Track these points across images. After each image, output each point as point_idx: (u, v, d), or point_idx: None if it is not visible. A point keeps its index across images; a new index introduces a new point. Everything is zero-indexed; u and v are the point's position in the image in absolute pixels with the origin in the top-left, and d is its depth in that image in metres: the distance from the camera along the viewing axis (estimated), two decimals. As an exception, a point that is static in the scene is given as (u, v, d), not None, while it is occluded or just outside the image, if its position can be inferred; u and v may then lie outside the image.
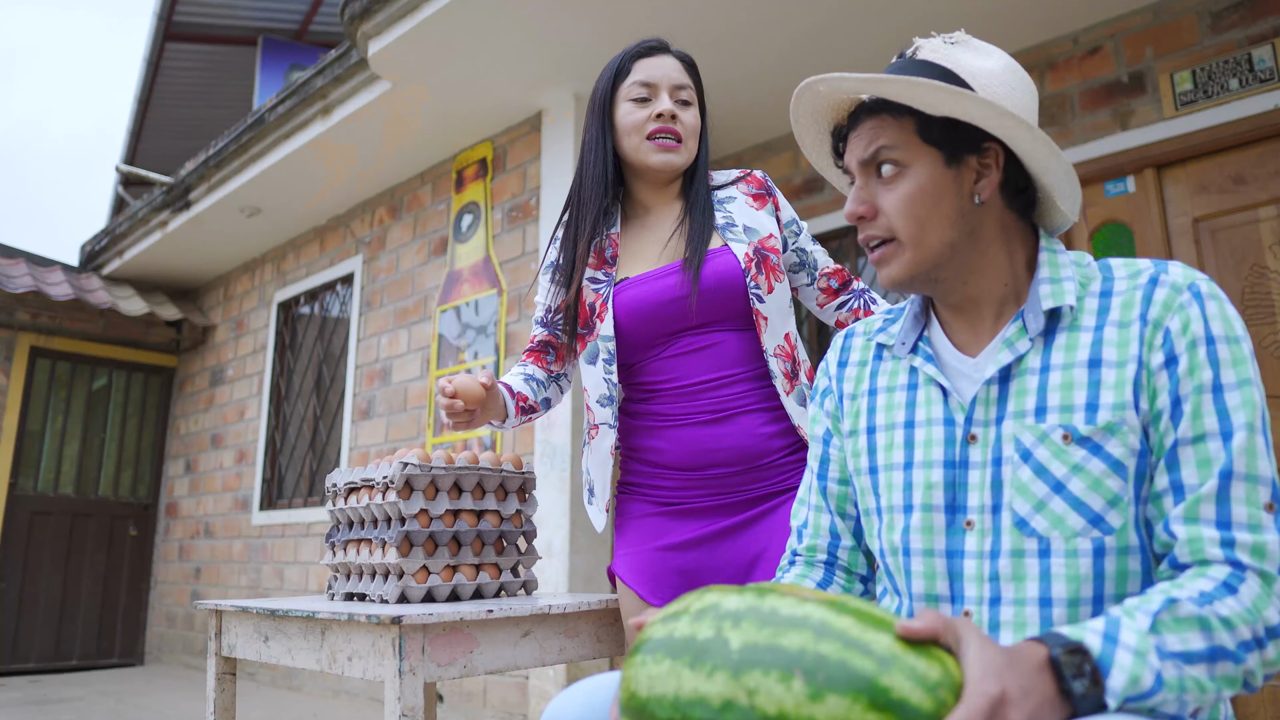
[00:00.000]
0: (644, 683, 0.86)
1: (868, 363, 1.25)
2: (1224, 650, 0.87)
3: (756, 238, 1.75)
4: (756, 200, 1.82)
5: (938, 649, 0.80)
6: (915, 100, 1.08)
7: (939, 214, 1.09)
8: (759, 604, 0.84)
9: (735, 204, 1.81)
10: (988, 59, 1.11)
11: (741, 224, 1.76)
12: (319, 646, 1.65)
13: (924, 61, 1.12)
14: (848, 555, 1.27)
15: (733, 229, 1.75)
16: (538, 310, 1.89)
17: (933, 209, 1.09)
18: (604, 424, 1.76)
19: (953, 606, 1.07)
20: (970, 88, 1.08)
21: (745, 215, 1.79)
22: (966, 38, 1.14)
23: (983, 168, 1.10)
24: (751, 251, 1.71)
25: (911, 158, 1.10)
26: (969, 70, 1.10)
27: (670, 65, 1.80)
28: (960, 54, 1.12)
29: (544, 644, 1.68)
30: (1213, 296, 1.01)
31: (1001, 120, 1.05)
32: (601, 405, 1.75)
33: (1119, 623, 0.86)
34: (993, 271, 1.12)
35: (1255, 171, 3.48)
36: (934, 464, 1.10)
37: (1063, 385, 1.03)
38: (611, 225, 1.80)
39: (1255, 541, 0.92)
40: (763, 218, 1.79)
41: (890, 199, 1.11)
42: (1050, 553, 1.01)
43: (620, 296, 1.72)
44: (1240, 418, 0.96)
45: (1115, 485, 0.99)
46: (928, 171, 1.09)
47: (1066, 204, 1.11)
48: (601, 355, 1.73)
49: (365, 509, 1.86)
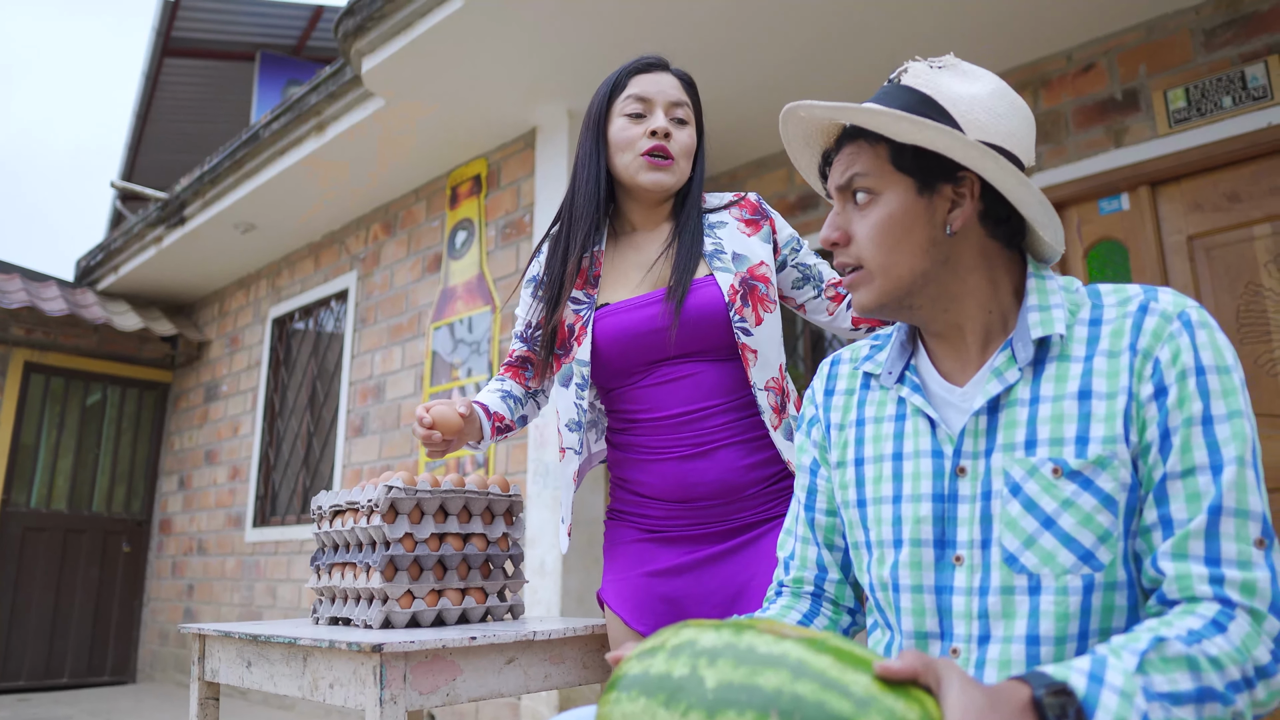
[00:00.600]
0: (619, 721, 0.83)
1: (855, 391, 1.22)
2: (1212, 691, 0.84)
3: (745, 266, 1.70)
4: (749, 226, 1.77)
5: (918, 690, 0.78)
6: (881, 128, 1.06)
7: (909, 243, 1.07)
8: (736, 641, 0.82)
9: (726, 229, 1.75)
10: (974, 84, 1.09)
11: (731, 251, 1.71)
12: (301, 673, 1.63)
13: (907, 87, 1.10)
14: (835, 588, 1.24)
15: (720, 256, 1.70)
16: (518, 324, 1.86)
17: (903, 238, 1.07)
18: (570, 449, 1.74)
19: (942, 643, 1.05)
20: (949, 114, 1.06)
21: (735, 242, 1.74)
22: (955, 61, 1.12)
23: (957, 197, 1.08)
24: (738, 282, 1.67)
25: (883, 185, 1.09)
26: (950, 96, 1.08)
27: (668, 83, 1.75)
28: (944, 79, 1.10)
29: (529, 671, 1.65)
30: (1203, 325, 0.99)
31: (966, 150, 1.03)
32: (569, 430, 1.72)
33: (1105, 662, 0.84)
34: (973, 300, 1.09)
35: (1249, 189, 3.48)
36: (922, 497, 1.08)
37: (1053, 417, 1.01)
38: (598, 243, 1.76)
39: (1245, 579, 0.90)
40: (755, 244, 1.74)
41: (862, 226, 1.10)
42: (1040, 590, 0.98)
43: (600, 323, 1.68)
44: (1230, 451, 0.94)
45: (1105, 520, 0.97)
46: (899, 200, 1.08)
47: (1048, 234, 1.08)
48: (575, 379, 1.70)
49: (350, 532, 1.84)
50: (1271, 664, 0.88)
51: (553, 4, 3.67)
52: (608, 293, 1.73)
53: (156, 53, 8.40)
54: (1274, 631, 0.89)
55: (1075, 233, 3.87)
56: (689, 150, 1.75)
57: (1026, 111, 1.11)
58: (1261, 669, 0.87)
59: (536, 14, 3.73)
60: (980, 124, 1.06)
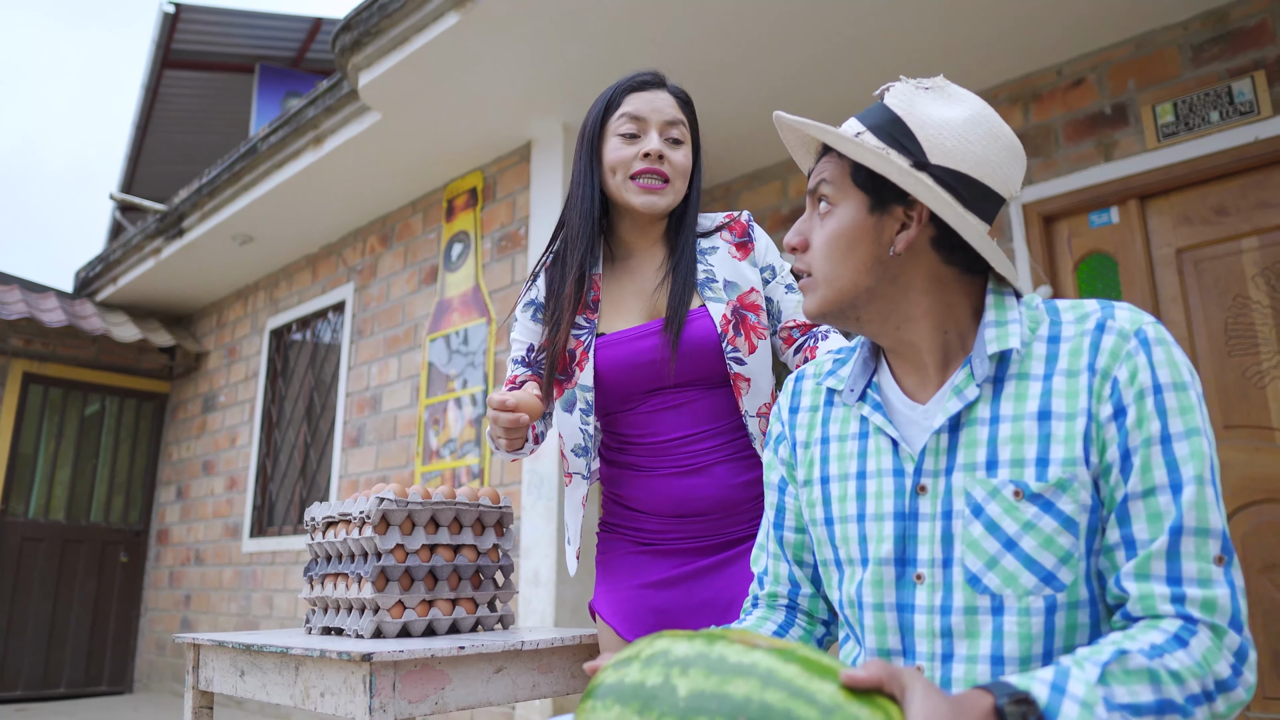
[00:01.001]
0: (594, 729, 0.86)
1: (819, 408, 1.23)
2: (1172, 703, 0.86)
3: (737, 293, 1.70)
4: (740, 250, 1.77)
5: (883, 698, 0.81)
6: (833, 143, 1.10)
7: (853, 258, 1.09)
8: (708, 651, 0.85)
9: (718, 255, 1.75)
10: (953, 108, 1.09)
11: (722, 279, 1.71)
12: (293, 682, 1.65)
13: (884, 105, 1.11)
14: (808, 601, 1.26)
15: (712, 285, 1.70)
16: (516, 349, 1.83)
17: (847, 252, 1.09)
18: (577, 474, 1.74)
19: (905, 661, 1.06)
20: (915, 136, 1.07)
21: (727, 268, 1.73)
22: (944, 84, 1.12)
23: (907, 219, 1.08)
24: (730, 312, 1.68)
25: (840, 198, 1.11)
26: (920, 118, 1.08)
27: (663, 101, 1.72)
28: (922, 100, 1.10)
29: (517, 680, 1.68)
30: (1160, 341, 1.00)
31: (902, 176, 1.04)
32: (576, 455, 1.73)
33: (1068, 673, 0.86)
34: (927, 321, 1.10)
35: (1237, 203, 3.51)
36: (885, 516, 1.09)
37: (1013, 438, 1.02)
38: (594, 265, 1.75)
39: (1205, 596, 0.92)
40: (745, 269, 1.74)
41: (818, 235, 1.13)
42: (1004, 610, 1.00)
43: (601, 353, 1.68)
44: (1189, 470, 0.95)
45: (1067, 542, 0.99)
46: (851, 214, 1.10)
47: (1000, 268, 1.08)
48: (579, 405, 1.70)
49: (342, 543, 1.86)
50: (1231, 678, 0.90)
51: (546, 21, 3.71)
52: (607, 321, 1.73)
53: (156, 65, 8.44)
54: (1234, 646, 0.91)
55: (1066, 246, 3.91)
56: (684, 171, 1.72)
57: (1009, 141, 1.09)
58: (1221, 683, 0.89)
59: (530, 30, 3.77)
60: (946, 149, 1.06)
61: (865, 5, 3.59)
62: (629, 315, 1.73)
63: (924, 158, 1.06)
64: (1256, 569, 3.29)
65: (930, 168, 1.06)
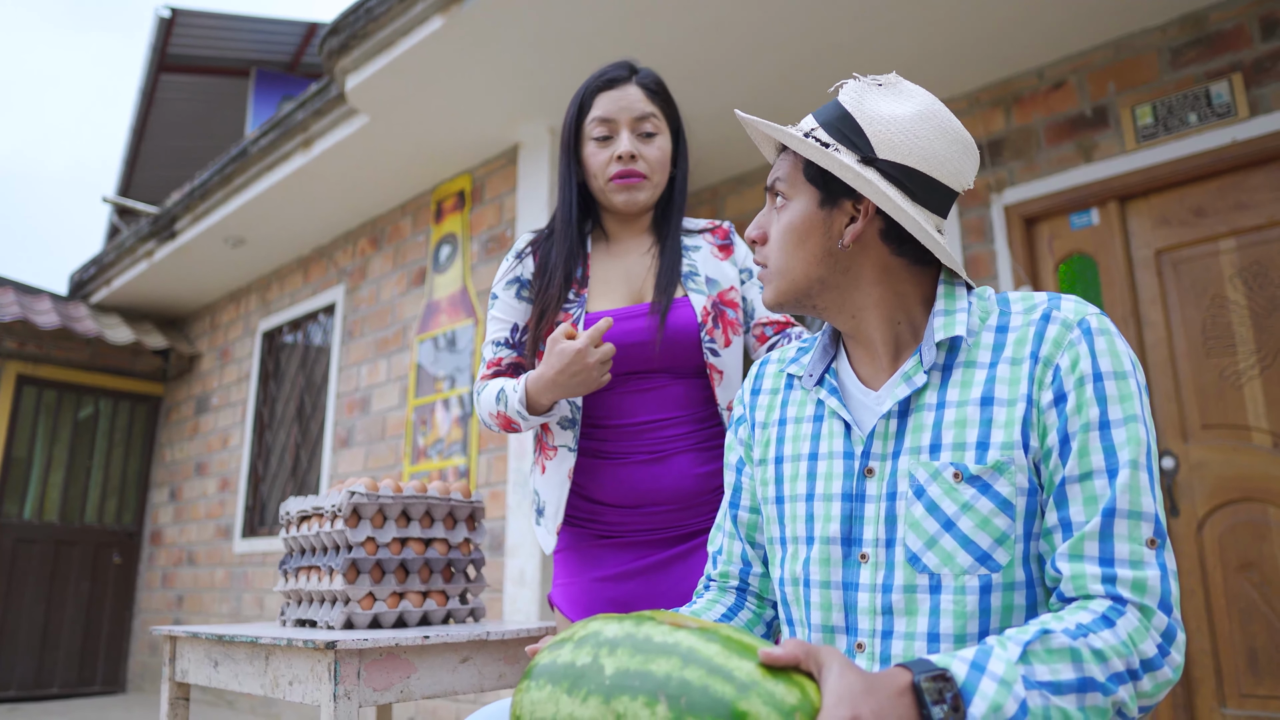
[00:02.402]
0: (527, 707, 0.89)
1: (779, 391, 1.27)
2: (1093, 681, 0.88)
3: (717, 290, 1.76)
4: (721, 251, 1.83)
5: (800, 675, 0.84)
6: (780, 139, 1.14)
7: (804, 250, 1.14)
8: (635, 632, 0.88)
9: (700, 253, 1.81)
10: (903, 105, 1.12)
11: (704, 275, 1.77)
12: (263, 671, 1.68)
13: (836, 101, 1.15)
14: (759, 582, 1.29)
15: (695, 279, 1.76)
16: (496, 329, 1.82)
17: (798, 245, 1.14)
18: (564, 446, 1.75)
19: (847, 638, 1.09)
20: (863, 132, 1.10)
21: (709, 265, 1.80)
22: (896, 80, 1.15)
23: (856, 213, 1.12)
24: (710, 305, 1.73)
25: (794, 192, 1.16)
26: (870, 115, 1.11)
27: (632, 96, 1.75)
28: (872, 97, 1.13)
29: (483, 670, 1.70)
30: (1103, 332, 1.03)
31: (844, 170, 1.09)
32: (563, 428, 1.74)
33: (990, 652, 0.88)
34: (878, 311, 1.14)
35: (1215, 204, 3.54)
36: (833, 497, 1.12)
37: (956, 423, 1.05)
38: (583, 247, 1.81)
39: (1135, 577, 0.94)
40: (726, 268, 1.81)
41: (774, 228, 1.17)
42: (940, 589, 1.03)
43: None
44: (1125, 455, 0.98)
45: (1003, 524, 1.02)
46: (802, 208, 1.14)
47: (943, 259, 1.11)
48: None
49: (315, 536, 1.89)
50: (1157, 657, 0.92)
51: (531, 26, 3.74)
52: (595, 299, 1.77)
53: (153, 69, 8.46)
54: (1161, 626, 0.93)
55: (1047, 247, 3.94)
56: (660, 162, 1.77)
57: (959, 135, 1.12)
58: (1147, 661, 0.91)
59: (515, 35, 3.80)
60: (893, 144, 1.09)
61: (847, 10, 3.62)
62: (615, 295, 1.77)
63: (871, 153, 1.10)
64: (1233, 568, 3.32)
65: (878, 163, 1.10)
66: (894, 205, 1.07)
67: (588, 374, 1.57)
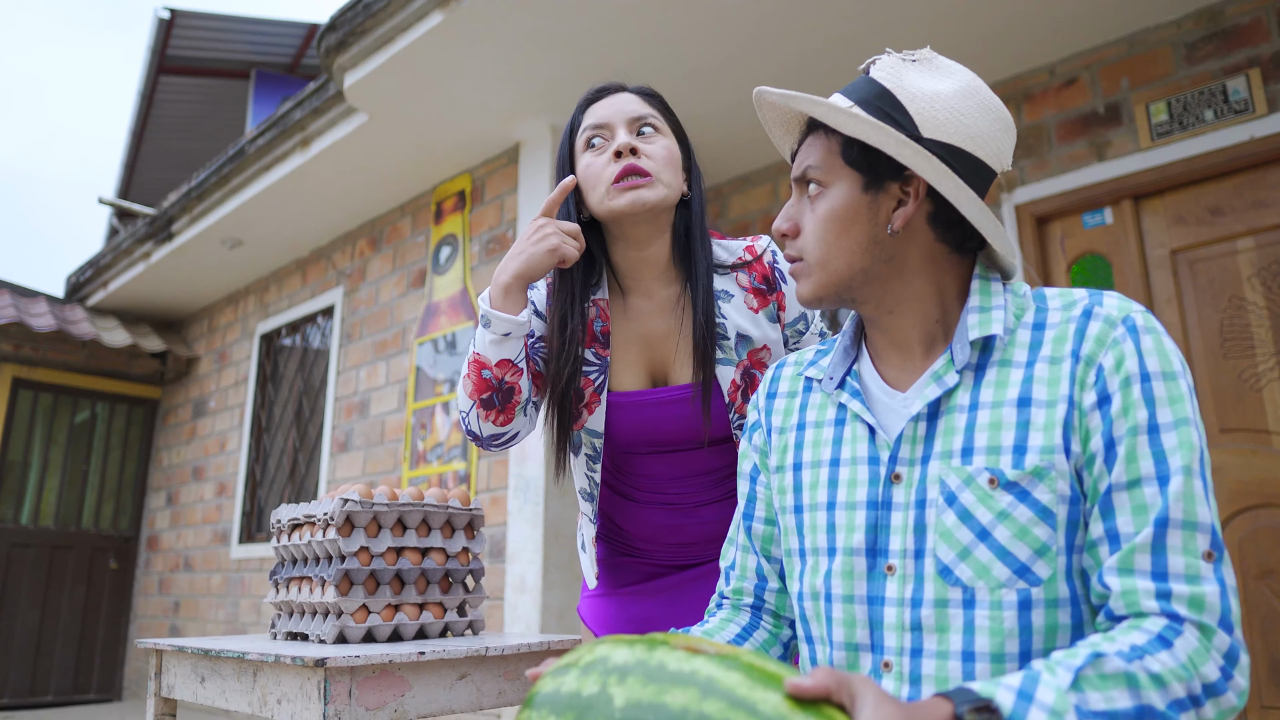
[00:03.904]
0: (528, 739, 0.81)
1: (797, 394, 1.20)
2: (1152, 710, 0.80)
3: (748, 349, 1.53)
4: (757, 298, 1.56)
5: (831, 708, 0.75)
6: (825, 118, 1.04)
7: (848, 239, 1.05)
8: (647, 658, 0.80)
9: (732, 303, 1.55)
10: (942, 80, 1.05)
11: (735, 333, 1.53)
12: (251, 689, 1.60)
13: (871, 79, 1.07)
14: (775, 598, 1.21)
15: (724, 343, 1.52)
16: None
17: (842, 233, 1.05)
18: (585, 516, 1.65)
19: (873, 656, 1.01)
20: (906, 110, 1.03)
21: (741, 319, 1.54)
22: (931, 56, 1.08)
23: (904, 195, 1.05)
24: (739, 376, 1.52)
25: (832, 179, 1.07)
26: (910, 91, 1.04)
27: (624, 99, 1.54)
28: (911, 74, 1.06)
29: (481, 687, 1.62)
30: (1149, 330, 0.96)
31: (901, 149, 1.00)
32: (583, 499, 1.64)
33: (1038, 678, 0.80)
34: (918, 305, 1.07)
35: (1232, 203, 3.46)
36: (857, 505, 1.05)
37: (990, 425, 0.98)
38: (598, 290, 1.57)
39: (1193, 593, 0.86)
40: (761, 320, 1.56)
41: (809, 219, 1.08)
42: (975, 604, 0.95)
43: (617, 414, 1.54)
44: (1177, 460, 0.90)
45: (1043, 534, 0.94)
46: (844, 194, 1.06)
47: (997, 244, 1.05)
48: (585, 450, 1.57)
49: (307, 546, 1.81)
50: (1220, 681, 0.84)
51: (531, 23, 3.67)
52: (619, 374, 1.57)
53: (152, 71, 8.42)
54: (1223, 647, 0.85)
55: (1059, 247, 3.86)
56: (667, 161, 1.50)
57: (1000, 113, 1.06)
58: (1210, 686, 0.83)
59: (516, 31, 3.74)
60: (938, 122, 1.03)
61: (851, 6, 3.55)
62: (636, 368, 1.57)
63: (916, 131, 1.03)
64: (1253, 575, 3.24)
65: (924, 141, 1.02)
66: (954, 185, 1.00)
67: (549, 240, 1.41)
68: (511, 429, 1.52)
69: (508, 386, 1.46)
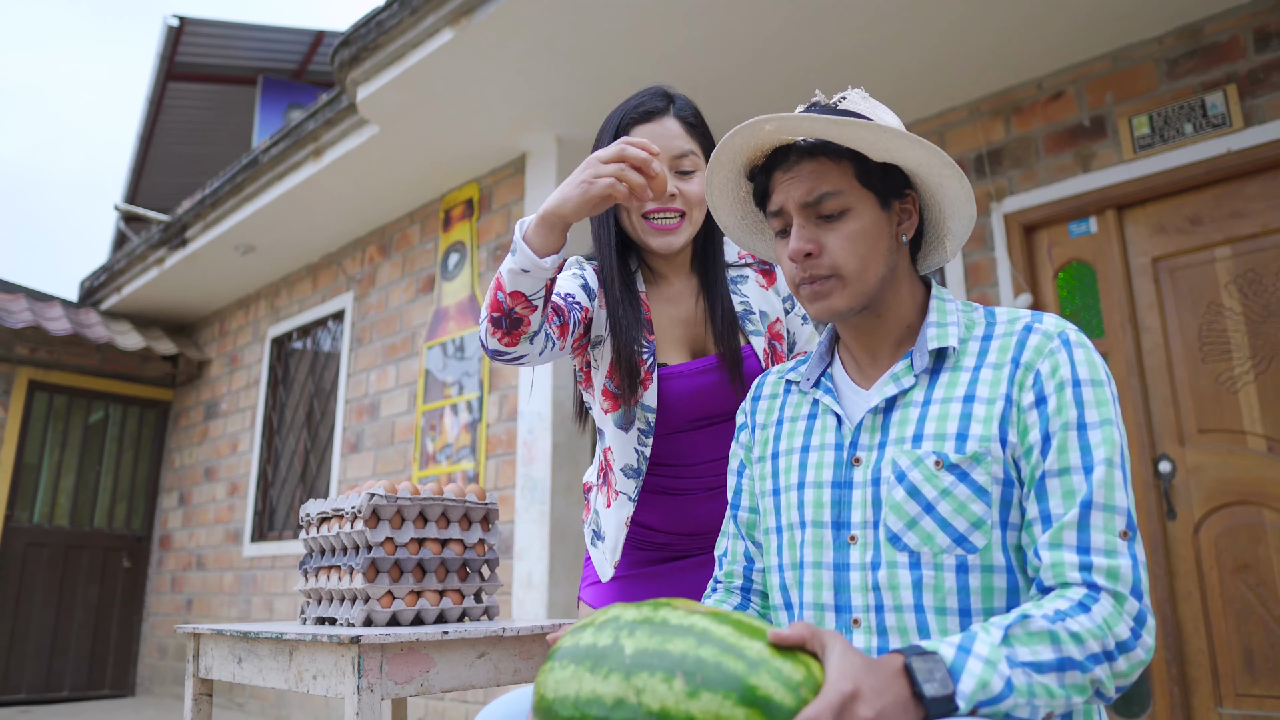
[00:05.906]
0: (551, 686, 0.96)
1: (778, 396, 1.38)
2: (1072, 660, 0.97)
3: (768, 323, 1.73)
4: (765, 278, 1.78)
5: (805, 655, 0.91)
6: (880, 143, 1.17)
7: (876, 252, 1.21)
8: (653, 615, 0.95)
9: (748, 285, 1.76)
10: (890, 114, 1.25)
11: (757, 310, 1.73)
12: (287, 666, 1.74)
13: (850, 110, 1.23)
14: (762, 578, 1.37)
15: (750, 318, 1.71)
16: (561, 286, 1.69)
17: (872, 248, 1.20)
18: (624, 494, 1.71)
19: (839, 615, 1.18)
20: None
21: (758, 298, 1.75)
22: (864, 93, 1.28)
23: (903, 212, 1.24)
24: (767, 345, 1.71)
25: (853, 201, 1.20)
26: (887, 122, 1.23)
27: (672, 131, 1.65)
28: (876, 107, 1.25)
29: (499, 665, 1.77)
30: (1080, 344, 1.14)
31: (944, 168, 1.18)
32: (626, 476, 1.70)
33: (975, 635, 0.97)
34: (899, 309, 1.26)
35: (1211, 213, 3.61)
36: (823, 484, 1.23)
37: (939, 416, 1.16)
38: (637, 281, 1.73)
39: (1110, 565, 1.03)
40: (771, 297, 1.77)
41: (834, 239, 1.20)
42: (920, 565, 1.12)
43: (665, 384, 1.67)
44: (1100, 453, 1.07)
45: (979, 509, 1.11)
46: (870, 214, 1.21)
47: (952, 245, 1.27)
48: (638, 425, 1.66)
49: (335, 537, 1.95)
50: (1131, 639, 1.01)
51: (540, 38, 3.81)
52: (662, 350, 1.72)
53: (160, 77, 8.54)
54: (1134, 611, 1.02)
55: (1046, 255, 4.00)
56: (699, 200, 1.66)
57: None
58: (1121, 643, 1.00)
59: (524, 46, 3.87)
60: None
61: (851, 21, 3.69)
62: (679, 346, 1.73)
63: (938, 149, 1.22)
64: (1229, 570, 3.38)
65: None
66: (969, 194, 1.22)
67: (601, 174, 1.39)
68: (516, 351, 1.52)
69: (516, 316, 1.47)
